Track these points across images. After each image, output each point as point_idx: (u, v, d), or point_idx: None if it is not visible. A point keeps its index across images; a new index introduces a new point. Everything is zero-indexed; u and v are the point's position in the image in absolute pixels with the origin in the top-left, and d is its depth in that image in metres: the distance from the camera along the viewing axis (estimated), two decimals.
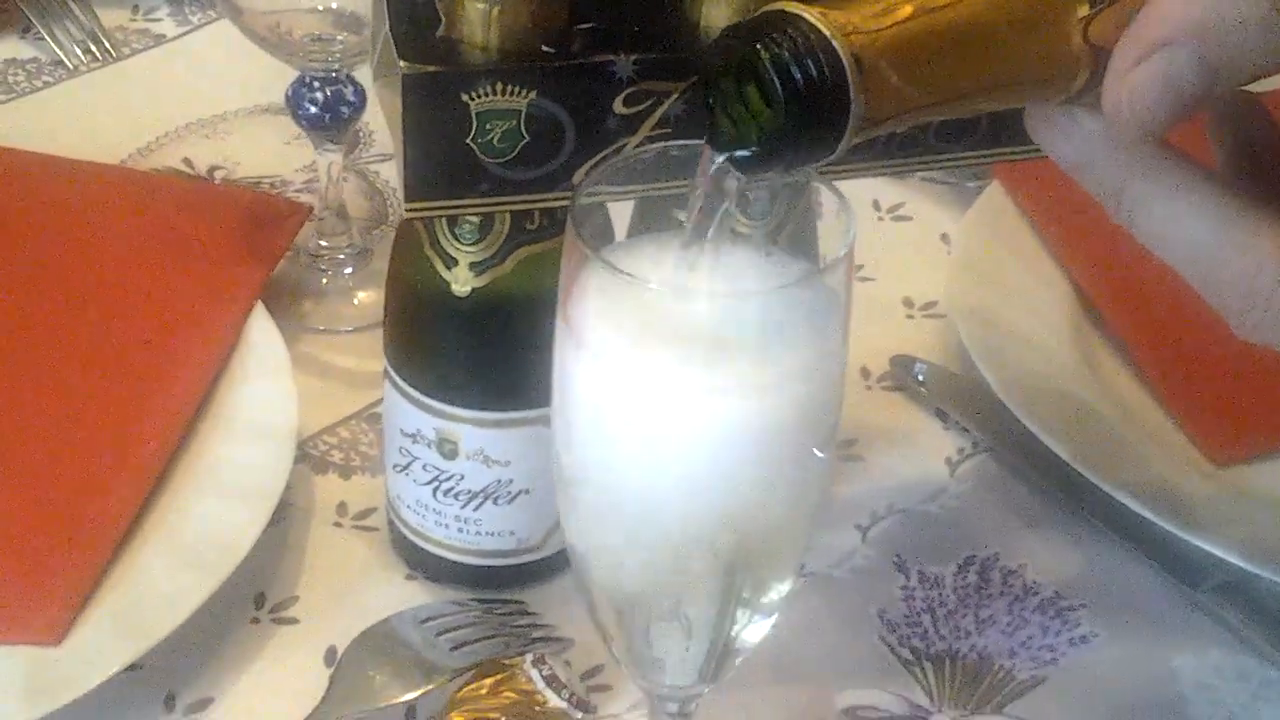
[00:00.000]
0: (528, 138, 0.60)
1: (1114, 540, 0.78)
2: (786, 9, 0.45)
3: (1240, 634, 0.75)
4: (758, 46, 0.45)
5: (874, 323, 0.89)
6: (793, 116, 0.45)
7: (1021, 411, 0.79)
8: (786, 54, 0.44)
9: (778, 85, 0.44)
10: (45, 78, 1.07)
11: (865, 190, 0.97)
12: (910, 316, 0.92)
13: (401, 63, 0.58)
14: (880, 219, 0.98)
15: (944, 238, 0.97)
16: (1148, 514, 0.75)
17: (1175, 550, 0.76)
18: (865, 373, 0.87)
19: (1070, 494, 0.79)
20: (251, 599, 0.74)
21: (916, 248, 0.97)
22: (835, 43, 0.44)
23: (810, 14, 0.45)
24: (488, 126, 0.59)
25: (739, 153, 0.47)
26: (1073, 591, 0.76)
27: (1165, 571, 0.76)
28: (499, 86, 0.58)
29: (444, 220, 0.65)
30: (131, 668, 0.68)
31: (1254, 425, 0.83)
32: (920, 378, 0.86)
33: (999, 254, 0.91)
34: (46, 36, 1.09)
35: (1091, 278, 0.90)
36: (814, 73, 0.44)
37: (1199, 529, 0.74)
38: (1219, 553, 0.74)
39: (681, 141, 0.56)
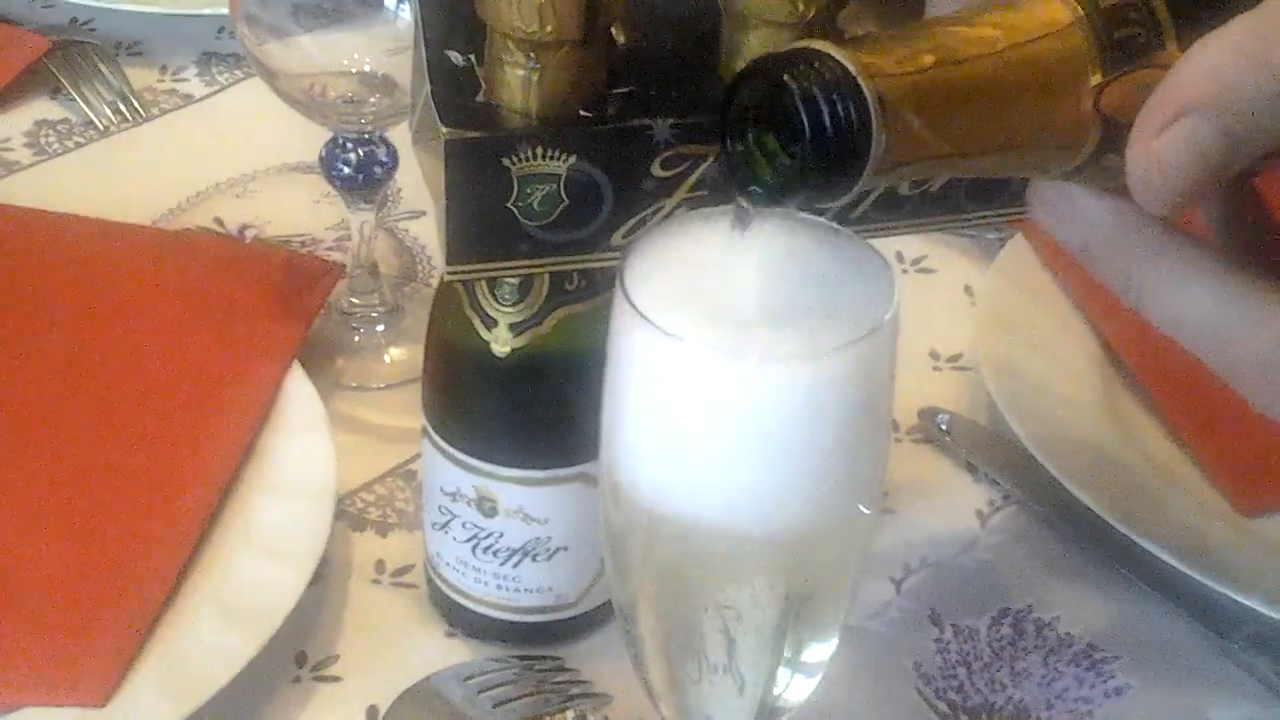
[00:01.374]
0: (567, 200, 0.60)
1: (1146, 591, 0.78)
2: (814, 45, 0.46)
3: (1273, 684, 0.75)
4: (785, 78, 0.45)
5: (901, 375, 0.88)
6: (815, 150, 0.45)
7: (1051, 463, 0.80)
8: (814, 88, 0.45)
9: (804, 117, 0.45)
10: (76, 138, 1.08)
11: (888, 243, 0.97)
12: (937, 369, 0.93)
13: (444, 128, 0.59)
14: (904, 271, 0.99)
15: (968, 289, 0.98)
16: (1179, 565, 0.75)
17: (1207, 601, 0.76)
18: (894, 425, 0.88)
19: (1101, 545, 0.80)
20: (293, 658, 0.74)
21: (941, 300, 0.98)
22: (861, 81, 0.45)
23: (837, 51, 0.46)
24: (528, 190, 0.60)
25: (754, 188, 0.48)
26: (1107, 643, 0.77)
27: (1197, 622, 0.77)
28: (540, 151, 0.59)
29: (484, 282, 0.66)
30: None
31: None
32: (947, 429, 0.87)
33: (1024, 306, 0.92)
34: (76, 97, 1.10)
35: (1116, 328, 0.91)
36: (840, 108, 0.45)
37: (1230, 579, 0.75)
38: (1250, 603, 0.74)
39: (719, 206, 0.57)
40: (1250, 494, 0.82)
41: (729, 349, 0.51)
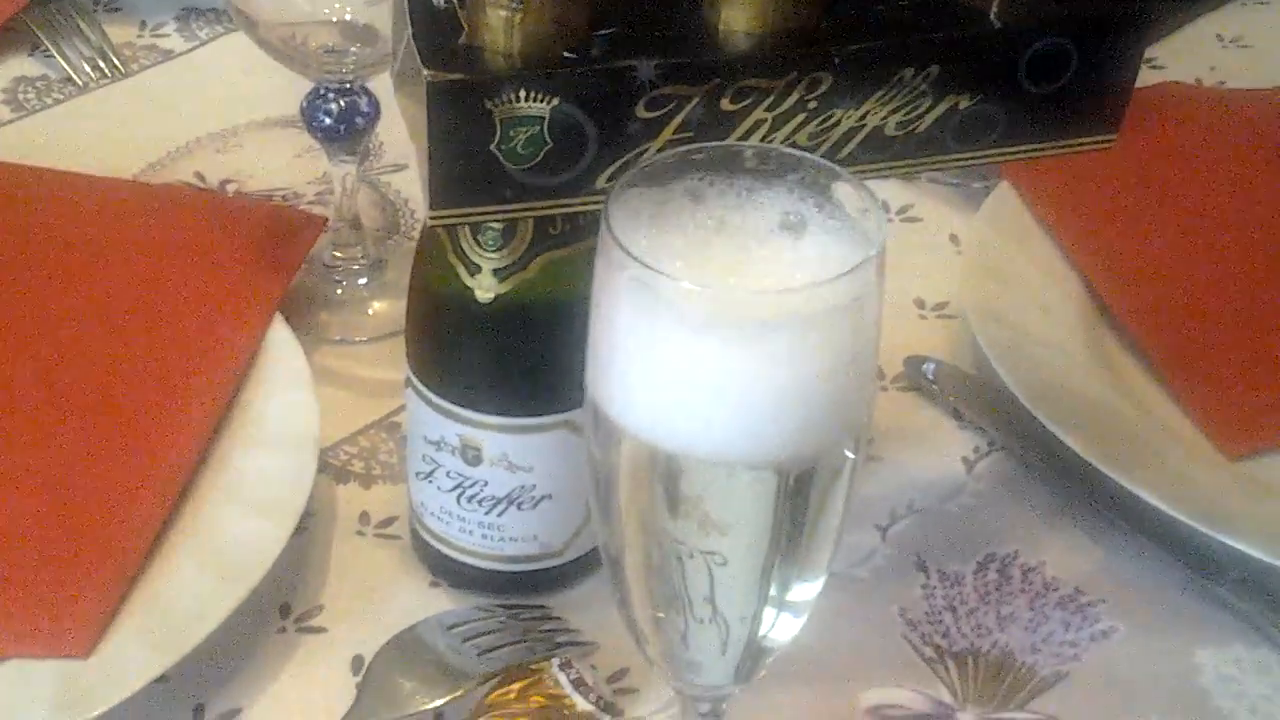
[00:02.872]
0: (551, 143, 0.60)
1: (1132, 535, 0.78)
2: None
3: (1261, 627, 0.75)
4: None
5: (887, 324, 0.88)
6: None
7: (1037, 409, 0.80)
8: None
9: None
10: (55, 95, 1.07)
11: (875, 192, 0.97)
12: (923, 317, 0.93)
13: (426, 71, 0.58)
14: (891, 220, 0.99)
15: (953, 238, 0.98)
16: (1166, 509, 0.75)
17: (1195, 544, 0.76)
18: (880, 373, 0.88)
19: (1087, 490, 0.80)
20: (277, 609, 0.74)
21: (927, 249, 0.97)
22: None
23: None
24: (511, 133, 0.59)
25: None
26: (1092, 587, 0.77)
27: (1185, 565, 0.77)
28: (523, 93, 0.59)
29: (467, 227, 0.65)
30: (159, 679, 0.68)
31: (1266, 419, 0.84)
32: (933, 377, 0.87)
33: (1010, 253, 0.92)
34: (55, 54, 1.09)
35: (1102, 274, 0.90)
36: None
37: (1218, 523, 0.75)
38: (1239, 546, 0.74)
39: (704, 145, 0.57)
40: (1236, 436, 0.82)
41: (716, 283, 0.50)
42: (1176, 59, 1.15)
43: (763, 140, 0.62)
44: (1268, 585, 0.75)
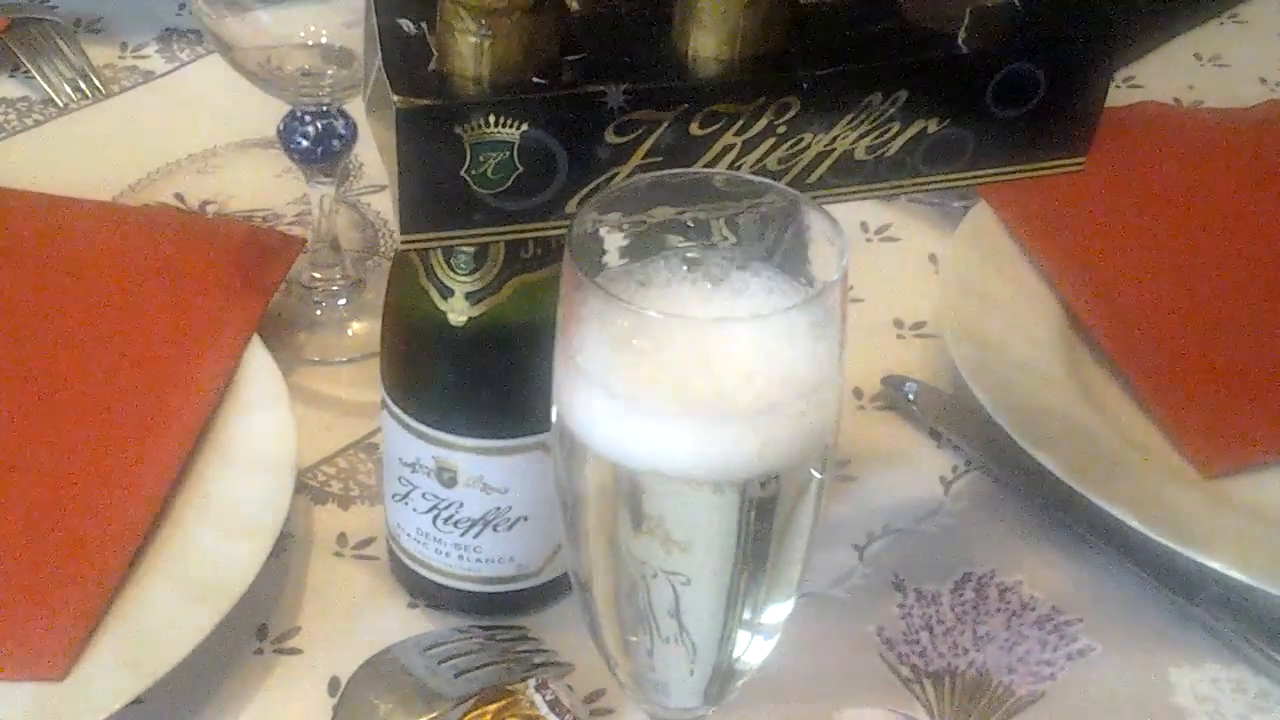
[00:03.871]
0: (521, 168, 0.60)
1: (1109, 554, 0.79)
2: None
3: (1236, 646, 0.75)
4: None
5: (865, 343, 0.89)
6: None
7: (1013, 429, 0.80)
8: None
9: None
10: (36, 116, 1.08)
11: (853, 212, 0.98)
12: (900, 336, 0.93)
13: (395, 97, 0.58)
14: (869, 240, 0.99)
15: (932, 258, 0.98)
16: (1141, 528, 0.75)
17: (1170, 563, 0.76)
18: (858, 393, 0.88)
19: (1064, 509, 0.80)
20: (254, 631, 0.74)
21: (905, 268, 0.98)
22: None
23: None
24: (481, 158, 0.60)
25: None
26: (1069, 606, 0.77)
27: (1160, 584, 0.77)
28: (492, 119, 0.59)
29: (439, 251, 0.65)
30: (135, 702, 0.68)
31: (1241, 437, 0.84)
32: (911, 397, 0.87)
33: (987, 273, 0.92)
34: (36, 75, 1.09)
35: (1079, 293, 0.91)
36: None
37: (1193, 542, 0.75)
38: (1213, 565, 0.74)
39: (674, 170, 0.57)
40: (1212, 454, 0.83)
41: (680, 311, 0.51)
42: (1155, 78, 1.15)
43: (732, 165, 0.62)
44: (1243, 604, 0.76)
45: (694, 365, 0.51)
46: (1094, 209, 0.96)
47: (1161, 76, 1.16)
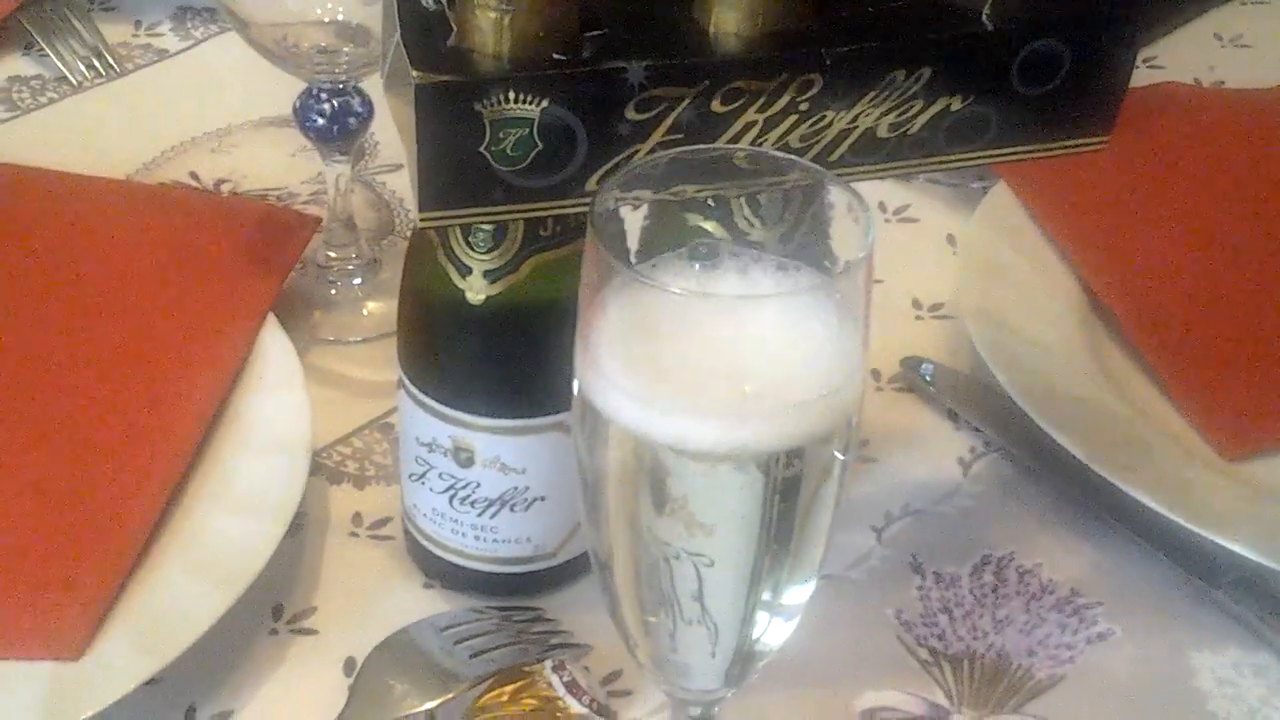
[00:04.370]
0: (541, 145, 0.60)
1: (1129, 537, 0.78)
2: None
3: (1258, 630, 0.75)
4: None
5: (883, 324, 0.88)
6: None
7: (1033, 410, 0.79)
8: None
9: None
10: (50, 94, 1.07)
11: (871, 192, 0.96)
12: (919, 318, 0.92)
13: (414, 73, 0.58)
14: (887, 221, 0.99)
15: (950, 239, 0.98)
16: (1162, 510, 0.75)
17: (1191, 546, 0.76)
18: (876, 374, 0.88)
19: (1084, 492, 0.79)
20: (269, 611, 0.74)
21: (923, 249, 0.97)
22: None
23: None
24: (501, 135, 0.59)
25: None
26: (1089, 589, 0.77)
27: (1181, 568, 0.76)
28: (512, 95, 0.58)
29: (458, 229, 0.65)
30: (151, 682, 0.68)
31: (1263, 420, 0.83)
32: (929, 378, 0.87)
33: (1006, 253, 0.91)
34: (50, 53, 1.09)
35: (1099, 275, 0.90)
36: None
37: (1214, 525, 0.74)
38: (1235, 549, 0.74)
39: (695, 147, 0.57)
40: (1234, 438, 0.82)
41: (705, 289, 0.50)
42: (1175, 58, 1.14)
43: (754, 142, 0.61)
44: (1264, 587, 0.75)
45: (717, 343, 0.50)
46: (1114, 190, 0.95)
47: (1182, 57, 1.15)
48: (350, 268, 0.92)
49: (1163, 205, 0.96)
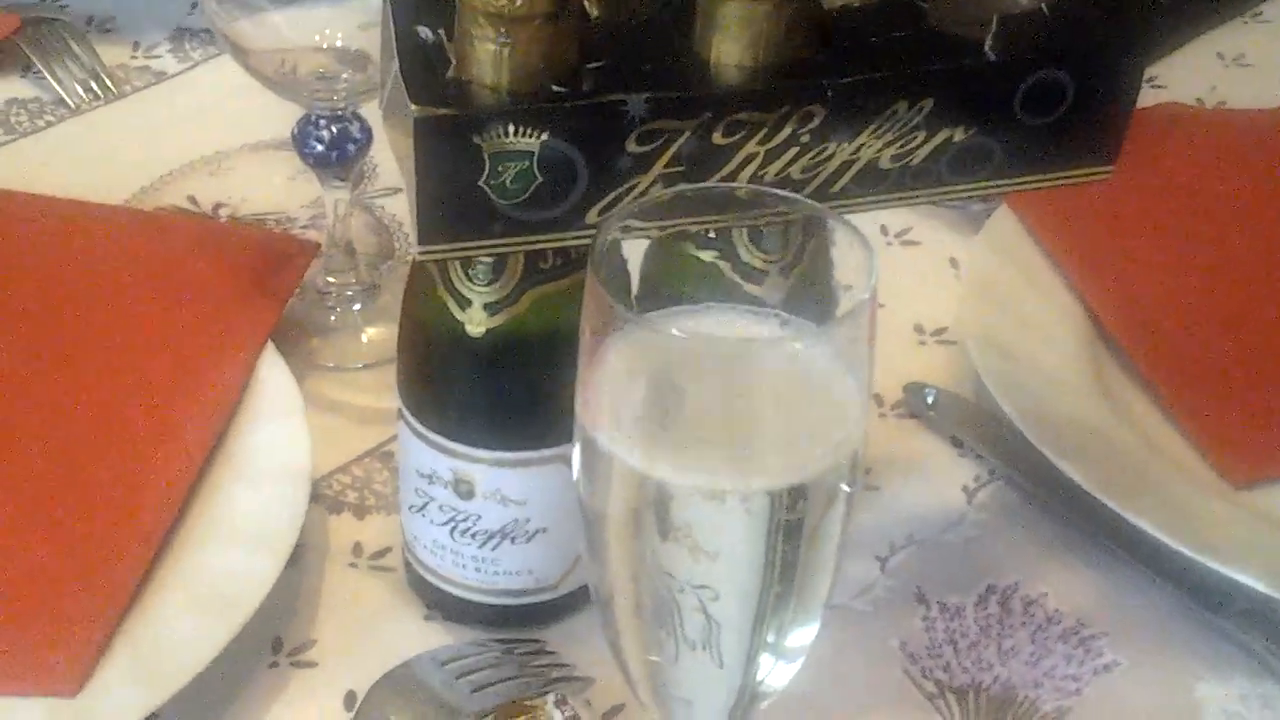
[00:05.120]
0: (541, 178, 0.59)
1: (1134, 566, 0.77)
2: None
3: (1265, 660, 0.74)
4: None
5: (885, 350, 0.87)
6: None
7: (1037, 438, 0.79)
8: None
9: None
10: (47, 117, 1.07)
11: (873, 215, 0.97)
12: (922, 343, 0.92)
13: (413, 105, 0.57)
14: (889, 244, 0.98)
15: (953, 262, 0.97)
16: (1168, 540, 0.74)
17: (1197, 576, 0.75)
18: (878, 400, 0.87)
19: (1089, 520, 0.79)
20: (269, 643, 0.73)
21: (926, 273, 0.97)
22: None
23: None
24: (500, 168, 0.59)
25: None
26: (1095, 620, 0.76)
27: (1187, 597, 0.76)
28: (511, 128, 0.58)
29: (457, 261, 0.64)
30: (150, 716, 0.67)
31: (1270, 447, 0.83)
32: (932, 404, 0.86)
33: (1009, 278, 0.91)
34: (48, 75, 1.09)
35: (1103, 299, 0.90)
36: None
37: (1220, 555, 0.74)
38: (1241, 579, 0.73)
39: (696, 185, 0.56)
40: (1241, 464, 0.81)
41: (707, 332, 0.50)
42: (1177, 78, 1.14)
43: (755, 174, 0.61)
44: (1271, 617, 0.74)
45: (720, 386, 0.50)
46: (1117, 212, 0.95)
47: (1184, 77, 1.14)
48: (349, 293, 0.91)
49: (1166, 228, 0.95)
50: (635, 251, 0.61)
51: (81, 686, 0.68)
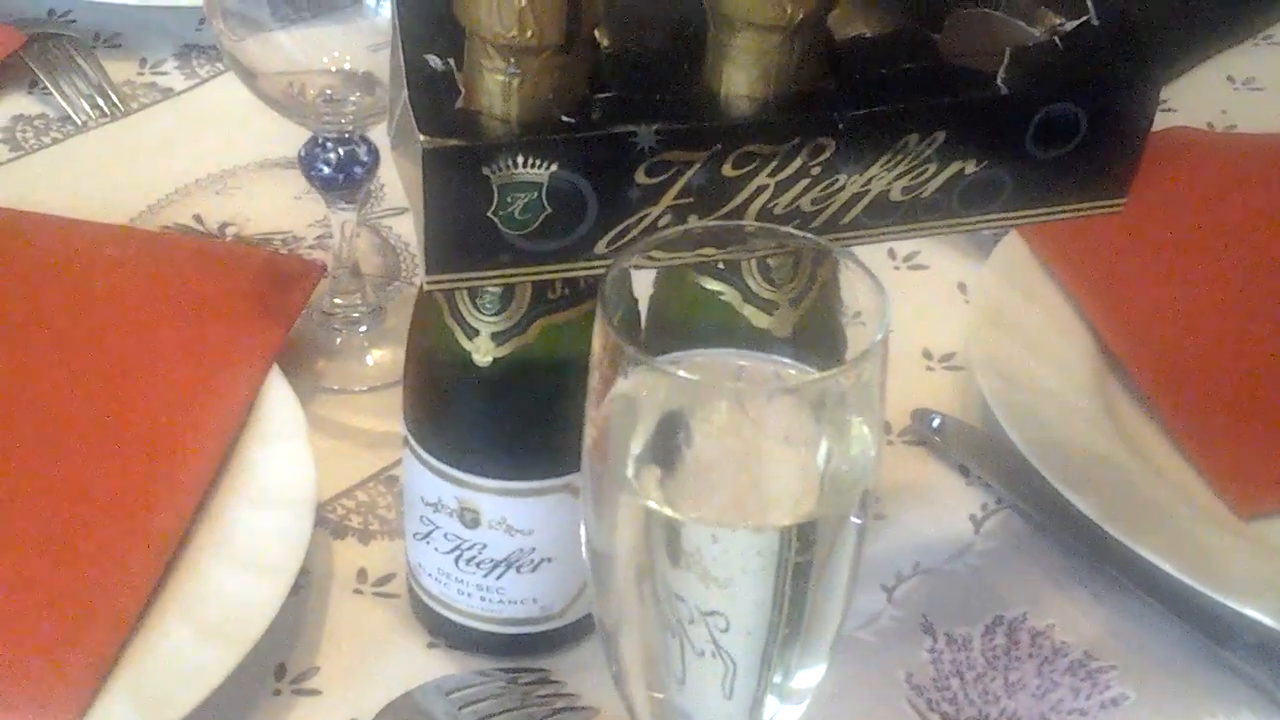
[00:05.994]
0: (550, 209, 0.59)
1: (1143, 599, 0.77)
2: None
3: (1273, 695, 0.73)
4: None
5: (893, 375, 0.87)
6: None
7: (1045, 468, 0.78)
8: None
9: None
10: (54, 134, 1.06)
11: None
12: (930, 369, 0.91)
13: (421, 136, 0.57)
14: (896, 268, 0.97)
15: (961, 286, 0.97)
16: (1176, 573, 0.74)
17: (1205, 609, 0.75)
18: (886, 427, 0.86)
19: (1096, 551, 0.78)
20: (272, 670, 0.73)
21: (934, 297, 0.96)
22: None
23: None
24: (509, 199, 0.58)
25: None
26: (1102, 652, 0.76)
27: (1195, 630, 0.75)
28: (520, 159, 0.58)
29: (465, 291, 0.64)
30: None
31: (1279, 477, 0.82)
32: (939, 431, 0.86)
33: (1018, 304, 0.90)
34: (54, 92, 1.08)
35: (1113, 327, 0.89)
36: None
37: (1228, 588, 0.73)
38: (1249, 613, 0.73)
39: (704, 224, 0.56)
40: (1249, 495, 0.81)
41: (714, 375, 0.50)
42: (1187, 102, 1.13)
43: (765, 206, 0.61)
44: (1278, 651, 0.74)
45: (731, 427, 0.49)
46: (1126, 238, 0.94)
47: (1193, 100, 1.14)
48: (355, 315, 0.91)
49: (1176, 254, 0.95)
50: (644, 281, 0.60)
51: (83, 715, 0.67)
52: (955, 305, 0.95)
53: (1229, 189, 1.00)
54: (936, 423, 0.86)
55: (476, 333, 0.65)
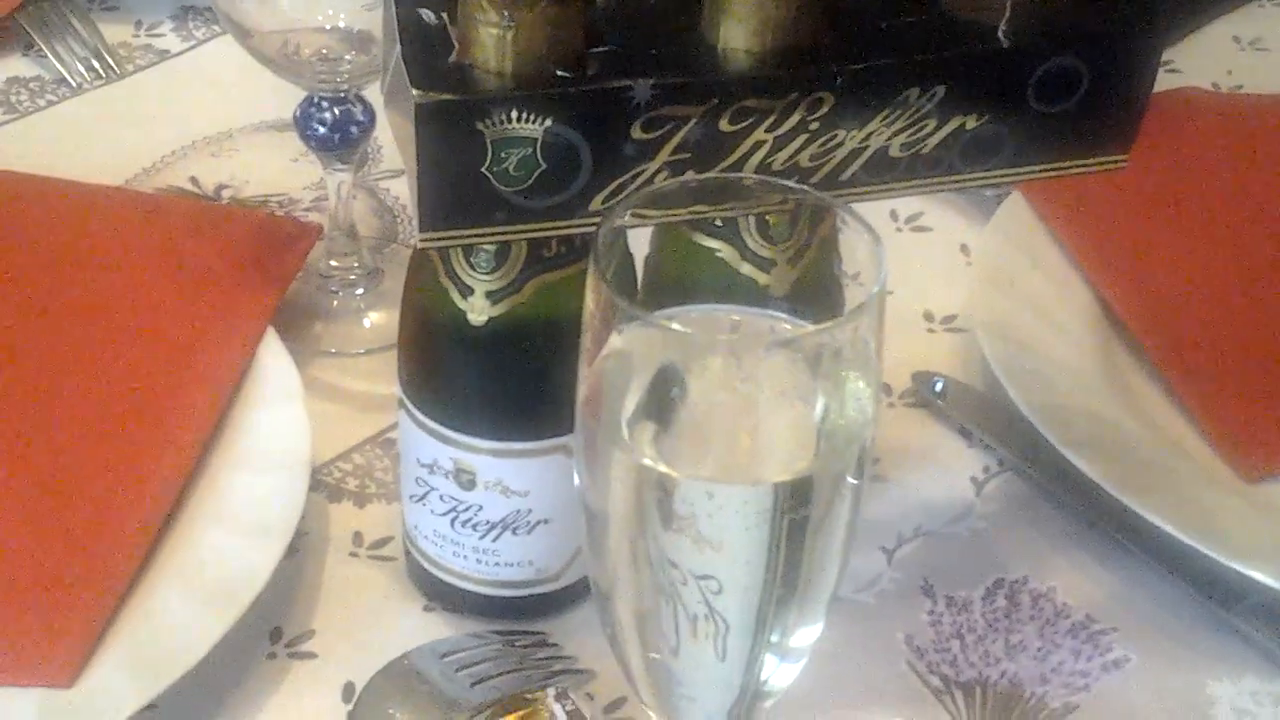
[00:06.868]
0: (544, 165, 0.58)
1: (1145, 561, 0.76)
2: None
3: (1274, 657, 0.73)
4: None
5: (894, 337, 0.86)
6: None
7: (1048, 430, 0.78)
8: None
9: None
10: (49, 96, 1.06)
11: (883, 200, 0.96)
12: (931, 330, 0.91)
13: (414, 91, 0.56)
14: (899, 230, 0.97)
15: (964, 248, 0.96)
16: (1179, 535, 0.73)
17: (1208, 571, 0.74)
18: (887, 389, 0.86)
19: (1099, 513, 0.78)
20: (267, 634, 0.73)
21: (936, 259, 0.95)
22: None
23: None
24: (503, 155, 0.58)
25: None
26: (1104, 615, 0.75)
27: (1198, 593, 0.75)
28: (515, 114, 0.57)
29: (459, 249, 0.63)
30: (147, 707, 0.66)
31: None
32: (941, 394, 0.85)
33: (1021, 265, 0.90)
34: (49, 54, 1.07)
35: (1116, 289, 0.88)
36: None
37: (1232, 551, 0.73)
38: (1253, 574, 0.72)
39: (701, 176, 0.55)
40: (1253, 457, 0.80)
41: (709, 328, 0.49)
42: (1192, 62, 1.12)
43: (763, 161, 0.60)
44: None
45: (725, 381, 0.49)
46: (1131, 199, 0.93)
47: (1199, 61, 1.13)
48: (352, 277, 0.90)
49: (1180, 215, 0.94)
50: (640, 238, 0.60)
51: (77, 678, 0.67)
52: (957, 267, 0.94)
53: (1234, 151, 0.99)
54: (938, 385, 0.85)
55: (471, 291, 0.64)
